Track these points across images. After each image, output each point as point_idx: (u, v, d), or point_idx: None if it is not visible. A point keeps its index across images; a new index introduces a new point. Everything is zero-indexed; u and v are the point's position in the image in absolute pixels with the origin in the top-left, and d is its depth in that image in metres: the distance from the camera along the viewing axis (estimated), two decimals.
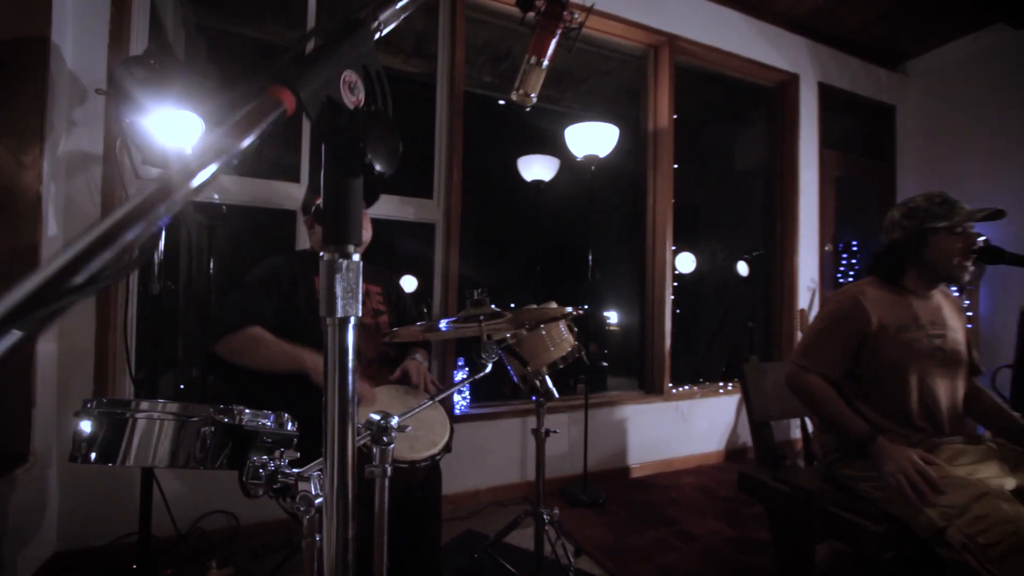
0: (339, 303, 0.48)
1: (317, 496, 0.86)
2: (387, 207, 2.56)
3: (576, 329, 1.68)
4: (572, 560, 1.82)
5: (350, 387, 0.50)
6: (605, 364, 3.12)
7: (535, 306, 1.49)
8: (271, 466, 0.91)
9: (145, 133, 1.86)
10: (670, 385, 3.26)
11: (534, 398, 1.82)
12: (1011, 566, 1.17)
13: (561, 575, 1.78)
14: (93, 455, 0.87)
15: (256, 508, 2.22)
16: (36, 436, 1.80)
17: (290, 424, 1.03)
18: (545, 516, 1.77)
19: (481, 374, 1.06)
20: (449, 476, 2.46)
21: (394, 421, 0.88)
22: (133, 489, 1.80)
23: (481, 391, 3.26)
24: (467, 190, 2.74)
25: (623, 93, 4.06)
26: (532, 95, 1.27)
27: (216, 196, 2.34)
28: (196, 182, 0.35)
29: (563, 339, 1.63)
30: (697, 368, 4.23)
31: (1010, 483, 1.39)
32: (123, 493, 1.99)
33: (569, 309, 1.56)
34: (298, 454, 0.95)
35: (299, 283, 1.52)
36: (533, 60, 1.25)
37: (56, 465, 1.96)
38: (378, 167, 0.49)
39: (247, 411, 0.94)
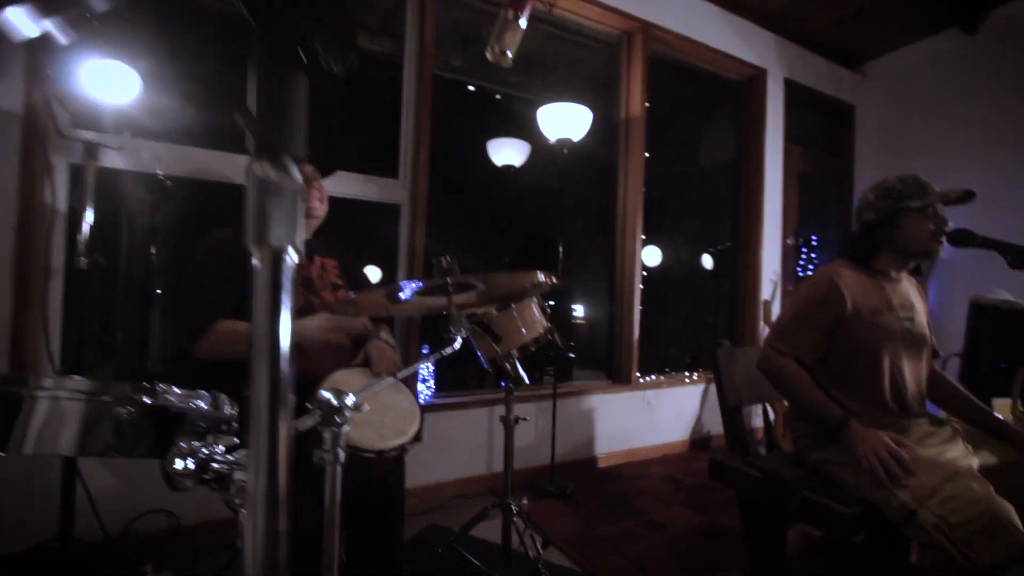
0: (272, 229, 0.37)
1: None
2: (347, 185, 2.41)
3: (549, 311, 1.60)
4: (541, 552, 1.74)
5: (283, 342, 0.39)
6: (572, 356, 3.07)
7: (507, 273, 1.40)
8: (202, 453, 0.78)
9: (74, 89, 1.66)
10: (637, 375, 3.24)
11: (503, 384, 1.73)
12: (982, 545, 1.17)
13: (529, 567, 1.70)
14: None
15: (199, 506, 2.05)
16: None
17: (228, 406, 0.91)
18: (513, 507, 1.69)
19: (449, 349, 0.96)
20: (412, 468, 2.36)
21: (349, 400, 0.77)
22: (51, 488, 1.61)
23: (446, 381, 3.15)
24: (434, 174, 2.61)
25: (594, 83, 4.01)
26: (508, 53, 1.18)
27: (158, 170, 2.13)
28: None
29: (535, 320, 1.55)
30: (662, 360, 4.25)
31: (975, 463, 1.40)
32: (45, 491, 1.78)
33: (541, 278, 1.48)
34: (236, 440, 0.83)
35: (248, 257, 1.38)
36: (510, 15, 1.16)
37: None
38: (328, 59, 0.39)
39: (175, 389, 0.81)
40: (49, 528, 1.68)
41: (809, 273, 4.32)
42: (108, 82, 1.62)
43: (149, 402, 0.78)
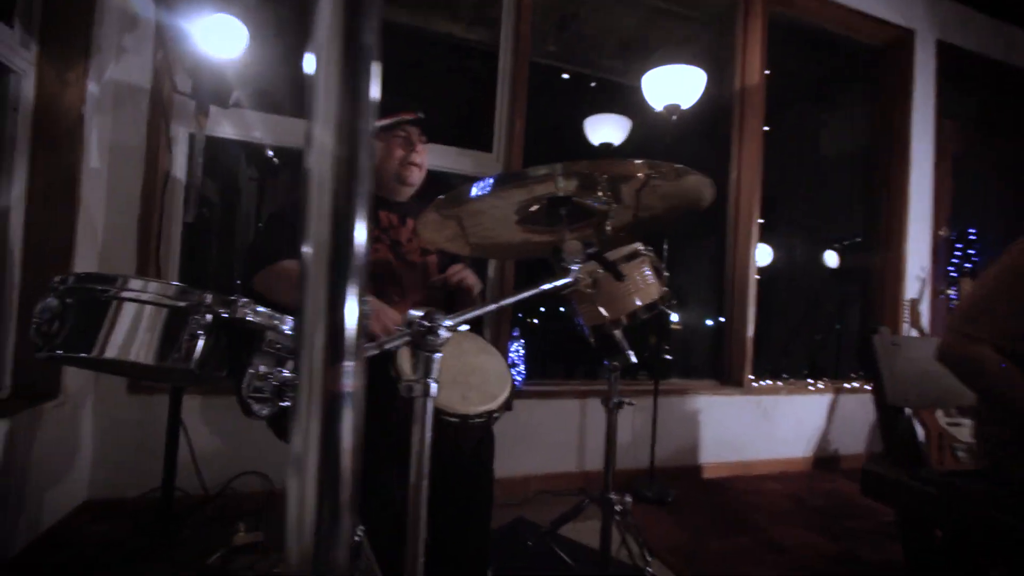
0: None
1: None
2: (441, 157, 2.35)
3: (667, 272, 1.38)
4: (648, 559, 1.51)
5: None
6: (669, 357, 2.76)
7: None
8: (280, 378, 0.68)
9: (188, 42, 1.72)
10: (751, 378, 2.86)
11: (606, 362, 1.53)
12: None
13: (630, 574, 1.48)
14: (60, 343, 0.67)
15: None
16: (69, 373, 1.70)
17: None
18: (616, 505, 1.48)
19: (560, 282, 0.80)
20: (496, 457, 2.22)
21: (445, 322, 0.63)
22: (163, 440, 1.67)
23: (536, 367, 2.99)
24: (527, 153, 2.48)
25: (698, 63, 3.69)
26: None
27: (265, 141, 2.21)
28: None
29: (649, 283, 1.33)
30: (775, 368, 3.76)
31: None
32: (157, 444, 1.86)
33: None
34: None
35: None
36: None
37: (91, 408, 1.87)
38: None
39: (259, 308, 0.72)
40: (157, 479, 1.74)
41: (963, 272, 3.63)
42: (223, 46, 1.67)
43: (224, 314, 0.69)
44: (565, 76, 3.99)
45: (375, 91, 0.26)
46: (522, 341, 3.01)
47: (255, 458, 2.04)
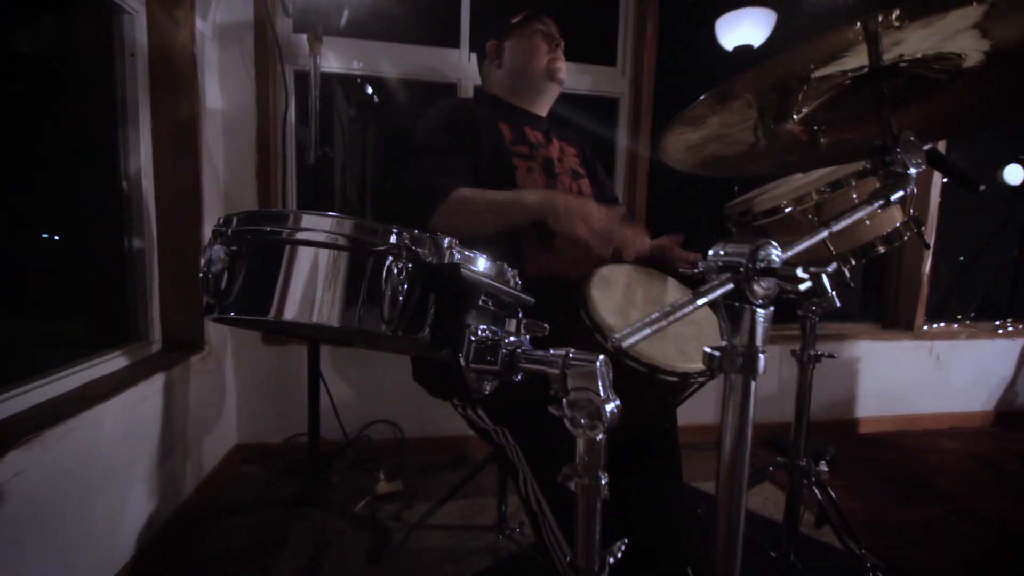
0: None
1: (608, 400, 0.44)
2: None
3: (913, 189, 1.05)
4: (861, 549, 1.29)
5: None
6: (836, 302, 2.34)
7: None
8: (507, 343, 0.50)
9: None
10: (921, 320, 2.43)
11: (800, 310, 1.25)
12: None
13: (830, 558, 1.27)
14: (233, 303, 0.53)
15: (420, 422, 2.02)
16: (210, 325, 1.71)
17: (516, 279, 0.62)
18: (812, 474, 1.26)
19: (896, 194, 0.54)
20: None
21: (776, 254, 0.41)
22: (303, 389, 1.65)
23: None
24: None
25: None
26: None
27: (364, 80, 2.03)
28: None
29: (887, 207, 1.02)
30: (936, 308, 3.21)
31: None
32: (294, 392, 1.88)
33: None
34: (546, 328, 0.53)
35: (480, 128, 1.12)
36: None
37: (231, 357, 1.90)
38: None
39: (464, 249, 0.53)
40: (301, 425, 1.75)
41: None
42: None
43: (430, 259, 0.51)
44: None
45: None
46: None
47: (384, 407, 2.02)
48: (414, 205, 1.02)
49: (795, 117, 0.77)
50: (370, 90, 2.33)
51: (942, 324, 2.49)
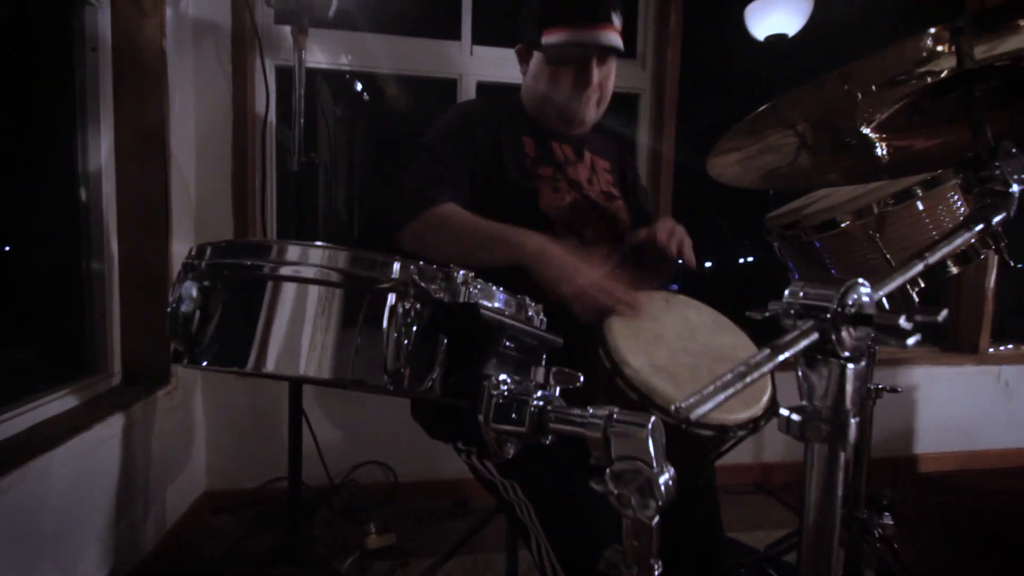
0: None
1: (661, 471, 0.40)
2: None
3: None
4: None
5: None
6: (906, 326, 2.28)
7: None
8: (536, 399, 0.46)
9: None
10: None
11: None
12: None
13: None
14: (205, 352, 0.50)
15: (416, 463, 1.98)
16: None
17: (540, 316, 0.59)
18: (876, 529, 1.21)
19: (999, 215, 0.50)
20: None
21: (866, 292, 0.37)
22: (282, 427, 1.61)
23: None
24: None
25: None
26: None
27: (353, 77, 2.02)
28: None
29: (958, 218, 0.99)
30: (1006, 325, 3.14)
31: None
32: (272, 431, 1.84)
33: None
34: (580, 377, 0.50)
35: (504, 143, 1.07)
36: None
37: (200, 390, 1.86)
38: None
39: (480, 282, 0.50)
40: (279, 467, 1.71)
41: None
42: None
43: (442, 296, 0.47)
44: None
45: None
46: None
47: (374, 447, 1.98)
48: (396, 207, 0.98)
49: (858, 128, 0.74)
50: (360, 87, 2.32)
51: (1011, 346, 2.44)
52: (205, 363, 0.49)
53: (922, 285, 1.06)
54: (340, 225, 2.41)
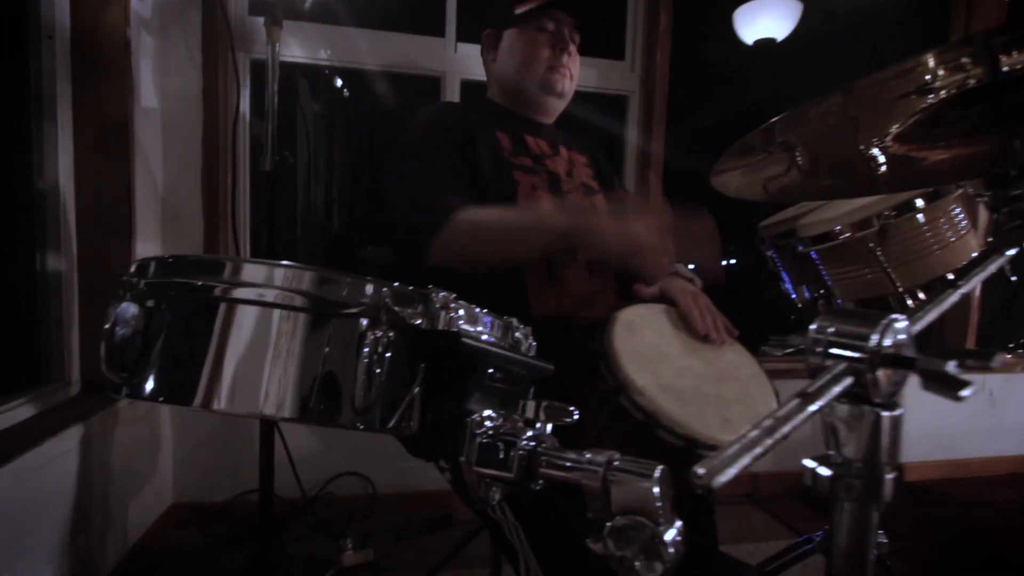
0: None
1: (668, 526, 0.36)
2: None
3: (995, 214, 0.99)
4: None
5: None
6: None
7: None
8: (525, 440, 0.41)
9: None
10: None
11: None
12: None
13: None
14: (144, 384, 0.44)
15: (395, 474, 1.91)
16: None
17: (529, 340, 0.54)
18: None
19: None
20: None
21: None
22: (253, 437, 1.54)
23: None
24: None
25: None
26: None
27: (332, 72, 1.96)
28: None
29: (961, 234, 0.96)
30: (990, 333, 3.18)
31: None
32: (242, 442, 1.77)
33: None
34: (574, 412, 0.45)
35: (477, 138, 1.05)
36: None
37: None
38: None
39: (463, 305, 0.45)
40: (250, 480, 1.64)
41: None
42: None
43: (418, 322, 0.42)
44: None
45: None
46: None
47: (351, 457, 1.92)
48: (409, 231, 0.94)
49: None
50: (339, 83, 2.25)
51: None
52: (146, 396, 0.43)
53: (921, 296, 1.04)
54: (319, 226, 2.33)
